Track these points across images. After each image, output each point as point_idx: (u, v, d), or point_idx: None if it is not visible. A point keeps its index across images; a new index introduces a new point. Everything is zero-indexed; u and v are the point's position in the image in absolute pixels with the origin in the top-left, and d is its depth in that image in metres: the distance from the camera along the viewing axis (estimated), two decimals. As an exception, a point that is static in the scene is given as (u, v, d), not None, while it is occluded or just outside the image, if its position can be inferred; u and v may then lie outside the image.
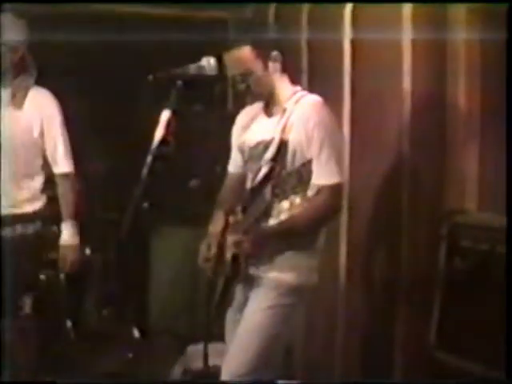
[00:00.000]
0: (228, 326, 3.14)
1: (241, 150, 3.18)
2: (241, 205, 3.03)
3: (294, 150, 2.93)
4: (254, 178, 3.05)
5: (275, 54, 3.01)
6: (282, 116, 3.00)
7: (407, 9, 3.34)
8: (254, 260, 2.98)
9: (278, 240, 2.98)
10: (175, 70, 2.84)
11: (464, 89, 3.19)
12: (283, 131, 2.95)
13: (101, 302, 5.21)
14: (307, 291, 3.05)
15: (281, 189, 2.72)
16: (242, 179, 3.18)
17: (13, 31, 3.67)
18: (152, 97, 2.76)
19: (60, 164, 3.81)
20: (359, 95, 3.84)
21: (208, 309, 3.11)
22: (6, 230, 3.70)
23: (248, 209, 2.98)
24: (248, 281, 3.02)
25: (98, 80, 5.48)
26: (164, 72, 2.83)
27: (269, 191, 2.79)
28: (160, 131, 2.74)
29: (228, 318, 3.14)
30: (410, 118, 3.38)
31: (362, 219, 3.79)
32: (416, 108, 3.36)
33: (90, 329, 5.08)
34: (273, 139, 2.97)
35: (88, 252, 5.05)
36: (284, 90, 3.06)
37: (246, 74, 2.99)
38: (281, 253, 2.99)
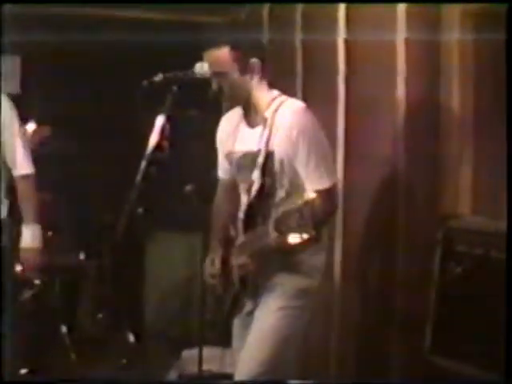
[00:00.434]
0: (236, 331, 3.15)
1: (228, 159, 3.16)
2: (241, 220, 3.03)
3: (282, 160, 2.92)
4: (248, 190, 3.02)
5: (254, 61, 2.96)
6: (264, 126, 2.95)
7: (401, 9, 3.35)
8: (261, 274, 2.99)
9: (279, 250, 2.95)
10: (170, 75, 2.85)
11: (458, 92, 3.19)
12: (268, 143, 2.92)
13: (95, 307, 5.20)
14: (313, 292, 3.06)
15: (284, 227, 2.69)
16: (233, 185, 3.17)
17: None
18: (147, 102, 2.75)
19: (19, 166, 3.80)
20: (353, 100, 3.84)
21: (202, 313, 3.12)
22: None
23: (248, 225, 2.98)
24: (256, 289, 3.03)
25: (93, 85, 5.49)
26: (159, 77, 2.83)
27: (271, 228, 2.76)
28: (155, 136, 2.74)
29: (236, 324, 3.15)
30: (404, 123, 3.38)
31: (358, 224, 3.79)
32: (410, 113, 3.36)
33: (85, 334, 5.08)
34: (259, 151, 2.94)
35: (82, 257, 5.05)
36: (262, 98, 3.00)
37: (221, 75, 2.95)
38: (285, 258, 2.99)
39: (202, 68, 2.90)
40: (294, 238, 2.69)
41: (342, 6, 3.85)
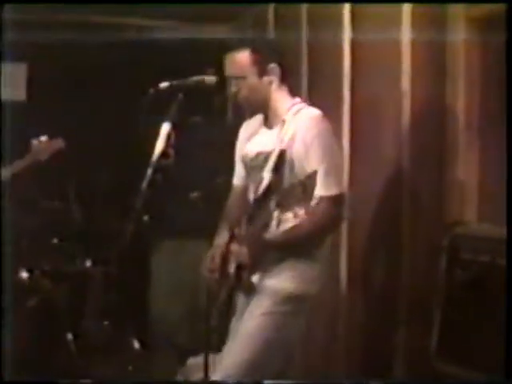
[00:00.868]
0: (231, 334, 3.15)
1: (243, 162, 3.21)
2: (245, 216, 3.05)
3: (293, 161, 2.95)
4: (256, 189, 3.06)
5: (273, 66, 3.02)
6: (282, 127, 3.01)
7: (407, 9, 3.35)
8: (256, 269, 2.99)
9: (279, 249, 3.01)
10: (176, 83, 2.86)
11: (463, 95, 3.18)
12: (282, 142, 2.97)
13: (101, 314, 5.20)
14: (307, 301, 3.05)
15: (286, 201, 2.73)
16: (246, 191, 3.19)
17: None
18: (153, 109, 2.76)
19: None
20: (358, 102, 3.85)
21: (208, 320, 3.12)
22: None
23: (251, 219, 2.99)
24: (250, 289, 3.03)
25: (99, 93, 5.50)
26: (165, 84, 2.84)
27: (273, 202, 2.80)
28: (160, 144, 2.75)
29: (231, 326, 3.16)
30: (410, 128, 3.37)
31: (362, 230, 3.79)
32: (415, 117, 3.36)
33: (91, 340, 5.07)
34: (273, 150, 2.99)
35: (89, 264, 5.05)
36: (282, 103, 3.07)
37: (239, 78, 3.01)
38: (281, 261, 3.01)
39: (209, 75, 2.91)
40: (289, 214, 2.74)
41: (347, 6, 3.86)
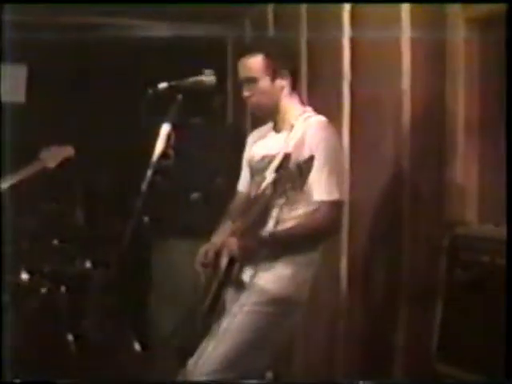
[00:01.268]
0: (215, 329, 3.14)
1: (249, 165, 3.24)
2: (244, 213, 3.06)
3: None
4: (257, 188, 3.07)
5: (285, 72, 3.07)
6: (290, 132, 3.05)
7: (406, 8, 3.35)
8: (247, 266, 3.00)
9: (272, 248, 3.02)
10: (174, 83, 2.86)
11: (463, 96, 3.17)
12: (288, 145, 3.00)
13: (102, 315, 5.20)
14: (293, 305, 3.06)
15: (281, 185, 2.76)
16: (249, 197, 3.20)
17: None
18: (152, 110, 2.76)
19: None
20: (358, 103, 3.86)
21: (199, 315, 3.13)
22: None
23: (249, 216, 3.00)
24: (238, 285, 3.04)
25: (98, 94, 5.50)
26: (164, 85, 2.84)
27: (272, 200, 2.82)
28: (160, 145, 2.75)
29: (218, 321, 3.15)
30: (410, 128, 3.37)
31: (363, 231, 3.79)
32: (415, 117, 3.36)
33: (91, 342, 5.07)
34: (277, 154, 3.01)
35: (89, 265, 5.05)
36: (292, 109, 3.11)
37: (251, 81, 3.05)
38: (273, 261, 3.02)
39: (208, 76, 2.92)
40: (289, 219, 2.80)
41: (347, 6, 3.87)
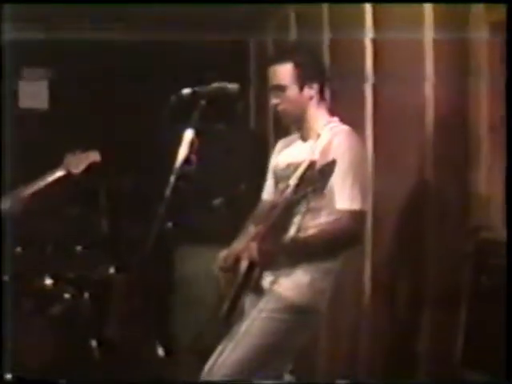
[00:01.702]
0: (233, 333, 3.15)
1: (274, 173, 3.25)
2: (266, 219, 3.05)
3: None
4: (281, 195, 3.06)
5: (314, 82, 3.08)
6: (316, 141, 3.07)
7: (428, 8, 3.33)
8: (267, 271, 3.00)
9: (292, 255, 3.02)
10: (198, 89, 2.86)
11: (487, 100, 3.16)
12: (313, 153, 3.00)
13: (125, 321, 5.21)
14: (310, 313, 3.06)
15: (303, 186, 2.78)
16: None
17: None
18: (175, 116, 2.77)
19: None
20: (381, 109, 3.84)
21: (216, 318, 3.14)
22: None
23: (271, 221, 2.99)
24: (258, 291, 3.04)
25: (122, 100, 5.53)
26: (188, 91, 2.85)
27: (295, 208, 2.82)
28: (183, 150, 2.76)
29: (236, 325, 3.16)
30: (433, 134, 3.36)
31: (387, 237, 3.77)
32: (438, 123, 3.34)
33: (115, 347, 5.08)
34: (303, 161, 3.00)
35: (112, 271, 5.07)
36: (319, 119, 3.12)
37: (280, 89, 3.07)
38: (292, 268, 3.02)
39: (231, 82, 2.92)
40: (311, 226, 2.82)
41: (369, 7, 3.86)
